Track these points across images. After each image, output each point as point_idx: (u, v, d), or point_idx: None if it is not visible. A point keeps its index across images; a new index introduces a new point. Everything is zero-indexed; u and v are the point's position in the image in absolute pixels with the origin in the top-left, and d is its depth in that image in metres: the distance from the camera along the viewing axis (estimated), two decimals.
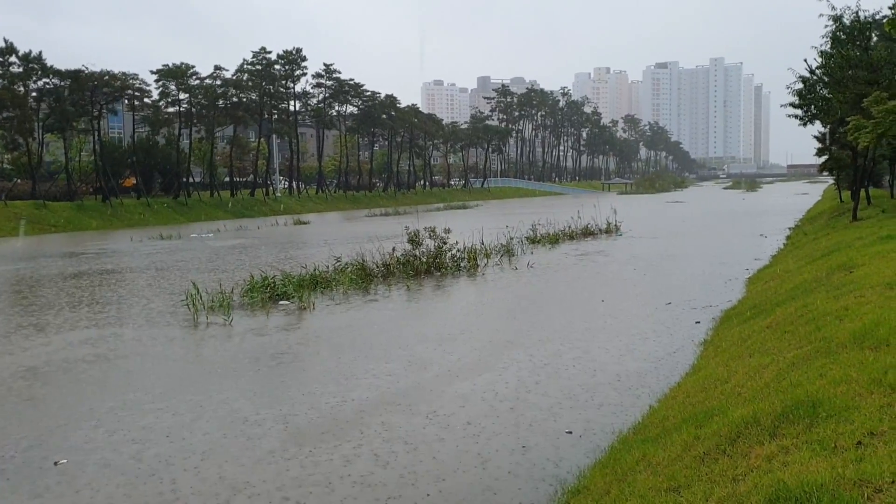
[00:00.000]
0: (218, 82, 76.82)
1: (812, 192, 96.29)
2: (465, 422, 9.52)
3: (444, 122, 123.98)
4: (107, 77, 65.68)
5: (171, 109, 75.27)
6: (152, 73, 72.07)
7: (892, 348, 7.16)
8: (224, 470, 8.15)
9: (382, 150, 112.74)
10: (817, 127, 41.80)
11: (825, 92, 34.14)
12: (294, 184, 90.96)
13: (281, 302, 19.03)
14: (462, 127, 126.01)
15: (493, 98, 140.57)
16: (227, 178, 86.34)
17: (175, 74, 72.34)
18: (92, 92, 64.94)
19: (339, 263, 23.30)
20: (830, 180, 65.37)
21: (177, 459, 8.50)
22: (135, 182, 73.58)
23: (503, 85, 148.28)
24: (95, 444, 9.12)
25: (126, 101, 72.56)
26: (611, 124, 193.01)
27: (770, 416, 5.94)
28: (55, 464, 8.45)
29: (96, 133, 67.71)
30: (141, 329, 16.50)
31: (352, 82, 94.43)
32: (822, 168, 46.09)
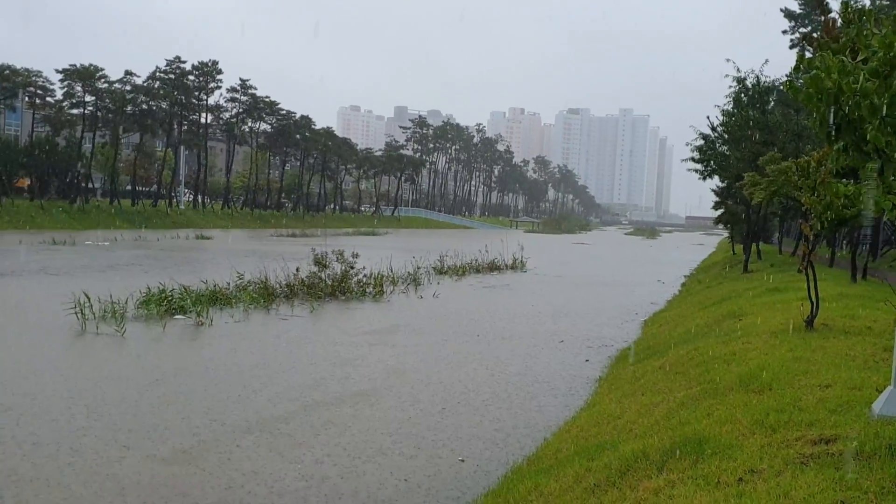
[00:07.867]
0: (128, 88, 74.53)
1: (707, 244, 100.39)
2: (351, 450, 9.35)
3: (358, 148, 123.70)
4: (7, 71, 62.76)
5: (75, 111, 72.40)
6: (58, 72, 69.42)
7: (774, 392, 7.50)
8: (72, 484, 7.77)
9: (294, 170, 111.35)
10: (716, 181, 43.93)
11: (724, 149, 36.01)
12: (199, 197, 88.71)
13: (177, 316, 18.42)
14: (376, 154, 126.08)
15: (410, 128, 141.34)
16: (129, 187, 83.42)
17: (82, 75, 69.76)
18: None
19: (240, 280, 22.76)
20: (725, 233, 68.59)
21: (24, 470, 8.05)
22: (29, 183, 70.20)
23: (420, 116, 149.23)
24: None
25: (27, 99, 69.46)
26: (522, 163, 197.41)
27: (659, 452, 6.10)
28: None
29: None
30: (22, 336, 15.64)
31: (267, 99, 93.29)
32: (718, 221, 48.33)
